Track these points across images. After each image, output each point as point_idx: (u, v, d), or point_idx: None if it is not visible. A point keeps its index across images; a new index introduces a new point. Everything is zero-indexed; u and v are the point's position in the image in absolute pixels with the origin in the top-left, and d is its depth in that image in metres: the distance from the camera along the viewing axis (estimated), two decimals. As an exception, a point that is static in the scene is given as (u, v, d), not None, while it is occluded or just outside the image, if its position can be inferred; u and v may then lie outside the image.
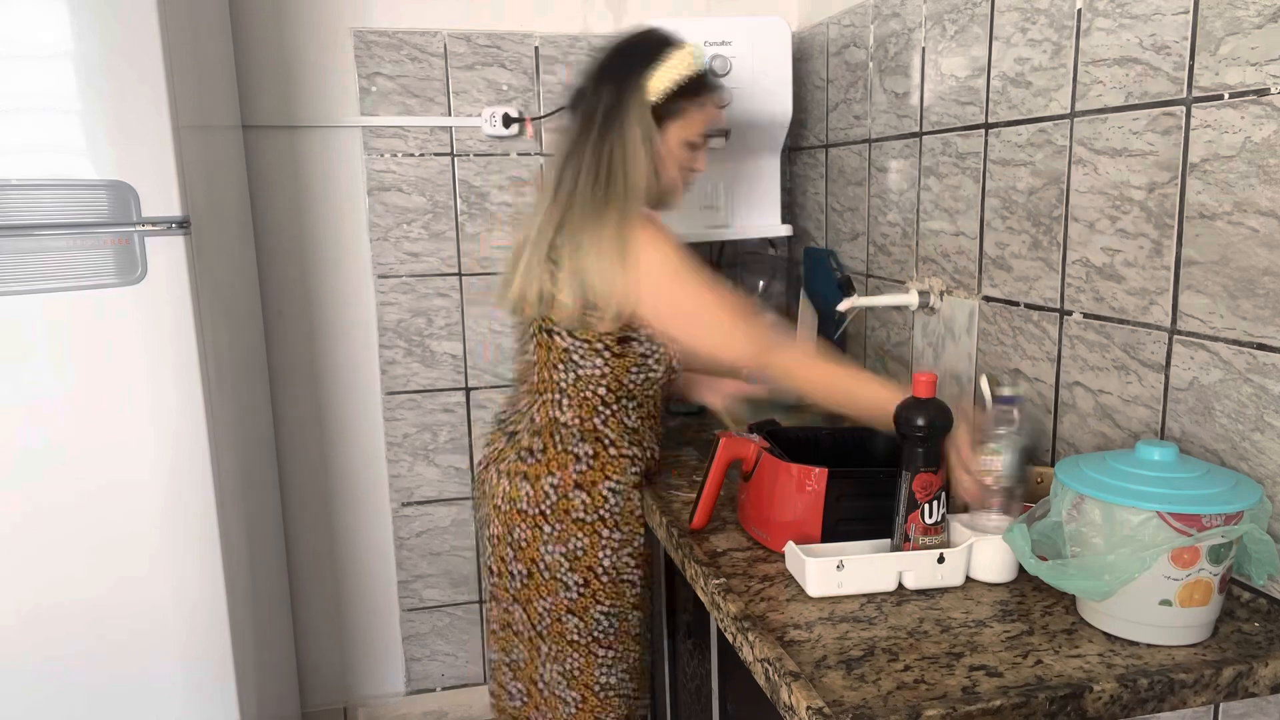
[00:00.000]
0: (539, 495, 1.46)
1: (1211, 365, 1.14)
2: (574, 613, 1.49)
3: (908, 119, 1.80)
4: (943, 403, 1.18)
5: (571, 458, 1.47)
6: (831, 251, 2.12)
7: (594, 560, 1.47)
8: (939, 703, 0.89)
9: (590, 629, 1.49)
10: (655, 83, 1.42)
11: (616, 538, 1.49)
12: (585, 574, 1.47)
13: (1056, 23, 1.37)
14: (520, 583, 1.49)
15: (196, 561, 1.67)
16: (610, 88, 1.42)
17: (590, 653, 1.50)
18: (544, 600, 1.49)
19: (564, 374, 1.46)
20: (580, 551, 1.47)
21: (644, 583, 1.54)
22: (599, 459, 1.47)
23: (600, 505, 1.47)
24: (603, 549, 1.48)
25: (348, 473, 2.32)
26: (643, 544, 1.52)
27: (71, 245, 1.53)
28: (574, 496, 1.46)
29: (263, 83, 2.11)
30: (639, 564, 1.52)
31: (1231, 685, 0.96)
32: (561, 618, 1.49)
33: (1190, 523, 0.95)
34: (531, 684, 1.53)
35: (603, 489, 1.47)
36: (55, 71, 1.50)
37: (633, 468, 1.50)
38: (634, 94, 1.41)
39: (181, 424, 1.63)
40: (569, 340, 1.44)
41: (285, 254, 2.19)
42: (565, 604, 1.48)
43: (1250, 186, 1.07)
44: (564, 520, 1.46)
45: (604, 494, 1.47)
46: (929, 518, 1.16)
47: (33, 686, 1.63)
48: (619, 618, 1.51)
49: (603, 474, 1.47)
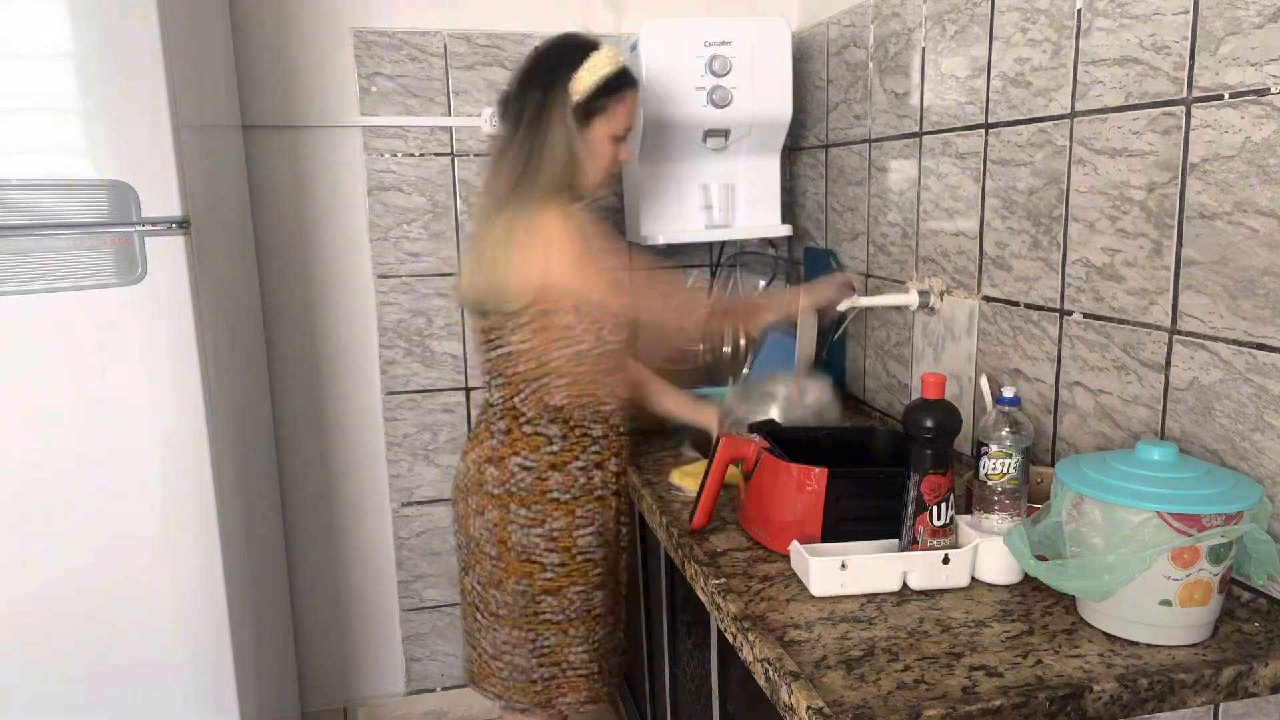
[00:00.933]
0: (465, 469, 1.61)
1: (1211, 365, 1.14)
2: (491, 585, 1.57)
3: (908, 119, 1.80)
4: (951, 404, 1.18)
5: (488, 434, 1.57)
6: (831, 251, 2.12)
7: (504, 534, 1.55)
8: (939, 703, 0.89)
9: (506, 603, 1.57)
10: (577, 84, 1.51)
11: (525, 514, 1.54)
12: (498, 547, 1.55)
13: (1056, 23, 1.37)
14: (464, 554, 1.62)
15: (196, 561, 1.67)
16: (535, 92, 1.52)
17: (513, 628, 1.57)
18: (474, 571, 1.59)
19: (489, 352, 1.56)
20: (492, 524, 1.55)
21: (560, 569, 1.58)
22: (510, 435, 1.55)
23: (508, 480, 1.54)
24: (511, 524, 1.54)
25: (348, 473, 2.32)
26: (558, 529, 1.56)
27: (71, 245, 1.53)
28: (485, 470, 1.56)
29: (263, 83, 2.11)
30: (553, 548, 1.56)
31: (1231, 685, 0.96)
32: (486, 588, 1.58)
33: (1190, 523, 0.95)
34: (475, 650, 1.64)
35: (511, 464, 1.54)
36: (55, 71, 1.50)
37: (549, 446, 1.55)
38: (557, 96, 1.50)
39: (181, 424, 1.63)
40: (490, 319, 1.53)
41: (285, 254, 2.19)
42: (484, 576, 1.57)
43: (1250, 186, 1.07)
44: (478, 493, 1.56)
45: (512, 469, 1.54)
46: (938, 519, 1.16)
47: (32, 687, 1.63)
48: (526, 597, 1.56)
49: (511, 450, 1.55)
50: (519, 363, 1.53)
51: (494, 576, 1.56)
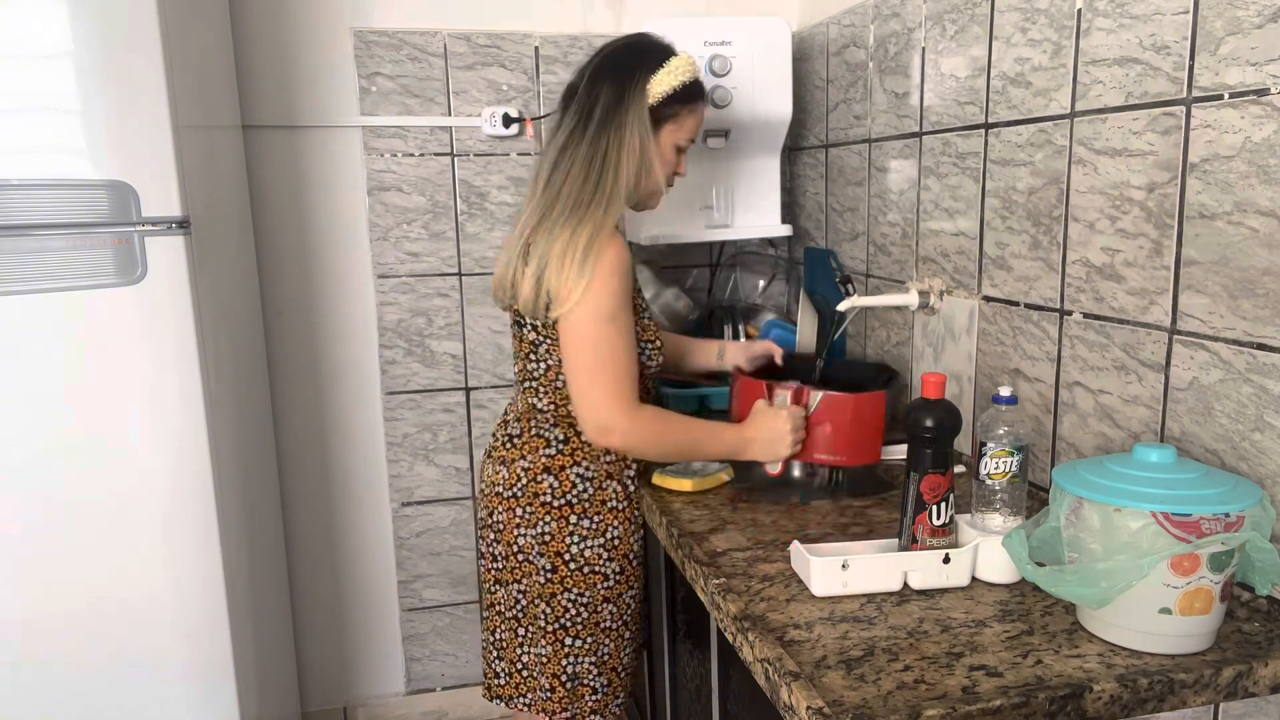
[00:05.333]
0: (512, 478, 1.51)
1: (1211, 365, 1.14)
2: (542, 598, 1.51)
3: (908, 119, 1.80)
4: (951, 404, 1.18)
5: (543, 442, 1.50)
6: (831, 251, 2.12)
7: (561, 546, 1.49)
8: (939, 703, 0.89)
9: (558, 616, 1.51)
10: (656, 86, 1.45)
11: (586, 525, 1.49)
12: (554, 559, 1.49)
13: (1056, 23, 1.37)
14: (500, 564, 1.54)
15: (196, 561, 1.67)
16: (610, 88, 1.44)
17: (558, 640, 1.51)
18: (519, 583, 1.52)
19: (535, 364, 1.50)
20: (548, 536, 1.49)
21: (620, 576, 1.53)
22: (569, 444, 1.50)
23: (568, 491, 1.49)
24: (570, 535, 1.49)
25: (348, 473, 2.32)
26: (617, 537, 1.52)
27: (71, 245, 1.53)
28: (542, 480, 1.49)
29: (263, 83, 2.11)
30: (613, 556, 1.52)
31: (1231, 685, 0.96)
32: (533, 602, 1.51)
33: (1189, 529, 0.94)
34: (512, 665, 1.56)
35: (570, 474, 1.49)
36: (55, 71, 1.50)
37: (606, 456, 1.51)
38: (635, 95, 1.44)
39: (181, 424, 1.63)
40: (535, 334, 1.47)
41: (285, 254, 2.19)
42: (536, 588, 1.51)
43: (1250, 186, 1.07)
44: (533, 504, 1.49)
45: (572, 479, 1.49)
46: (938, 519, 1.16)
47: (32, 687, 1.63)
48: (588, 608, 1.52)
49: (572, 459, 1.50)
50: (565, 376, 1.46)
51: (546, 589, 1.49)
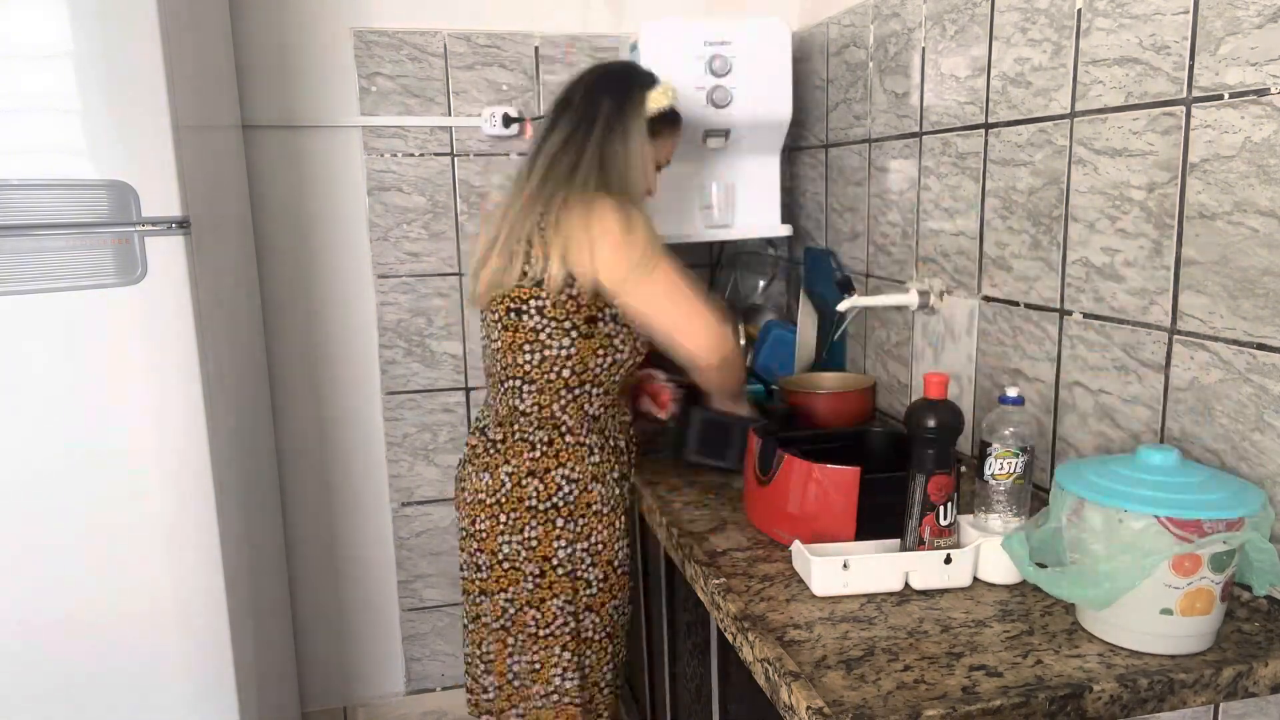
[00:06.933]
0: (495, 484, 1.49)
1: (1211, 365, 1.14)
2: (532, 605, 1.49)
3: (908, 119, 1.80)
4: (953, 404, 1.18)
5: (527, 445, 1.49)
6: (831, 251, 2.12)
7: (549, 550, 1.48)
8: (939, 703, 0.89)
9: (548, 622, 1.49)
10: (651, 103, 1.54)
11: (571, 529, 1.48)
12: (541, 564, 1.48)
13: (1056, 23, 1.37)
14: (485, 574, 1.51)
15: (196, 562, 1.67)
16: (610, 99, 1.51)
17: (548, 649, 1.50)
18: (505, 592, 1.50)
19: (529, 355, 1.47)
20: (534, 541, 1.48)
21: (602, 584, 1.52)
22: (554, 446, 1.49)
23: (554, 494, 1.48)
24: (557, 540, 1.48)
25: (348, 473, 2.32)
26: (601, 542, 1.51)
27: (71, 245, 1.53)
28: (527, 484, 1.48)
29: (263, 83, 2.11)
30: (595, 562, 1.51)
31: (1231, 685, 0.96)
32: (521, 609, 1.50)
33: (1191, 529, 0.94)
34: (502, 678, 1.53)
35: (555, 476, 1.48)
36: (55, 71, 1.50)
37: (591, 457, 1.50)
38: (635, 107, 1.52)
39: (181, 424, 1.63)
40: (537, 319, 1.45)
41: (285, 254, 2.19)
42: (524, 596, 1.49)
43: (1250, 186, 1.07)
44: (518, 509, 1.48)
45: (558, 482, 1.48)
46: (944, 519, 1.16)
47: (32, 687, 1.63)
48: (574, 616, 1.50)
49: (556, 460, 1.48)
50: (561, 368, 1.47)
51: (535, 596, 1.48)
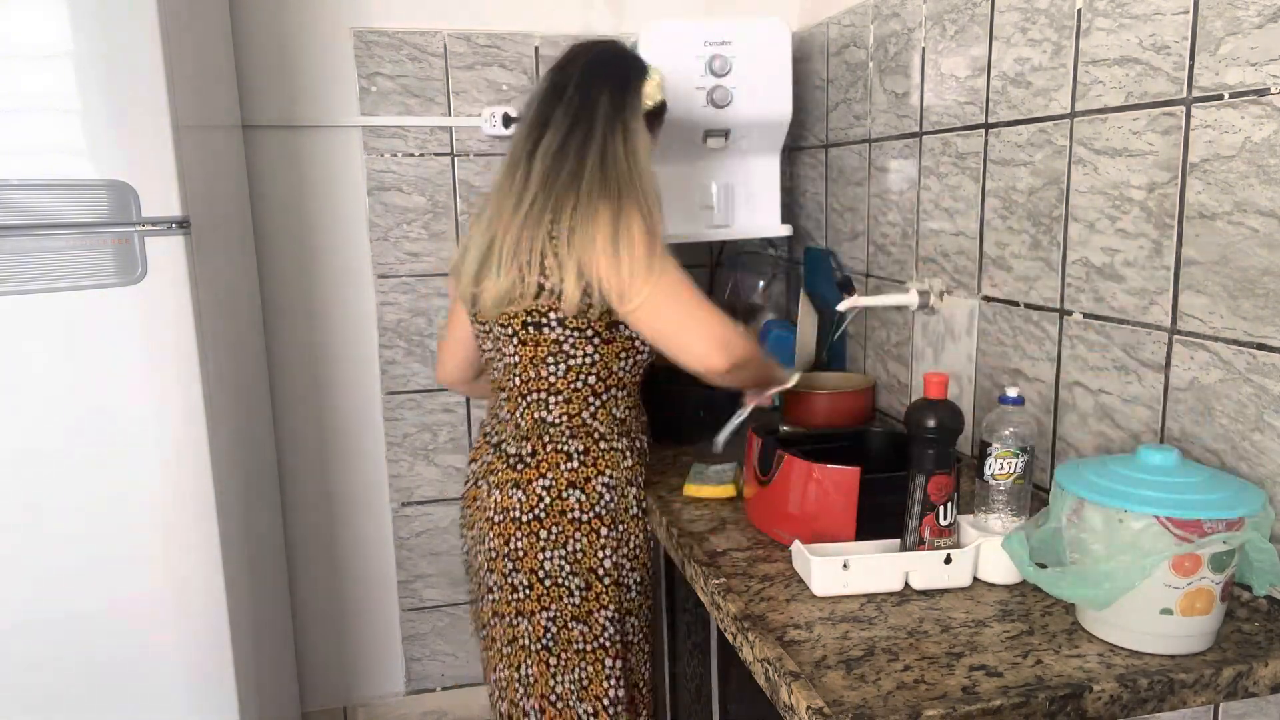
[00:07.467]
0: (532, 500, 1.44)
1: (1211, 365, 1.14)
2: (578, 619, 1.45)
3: (908, 119, 1.80)
4: (954, 404, 1.18)
5: (562, 456, 1.45)
6: (831, 251, 2.12)
7: (594, 562, 1.44)
8: (939, 703, 0.89)
9: (597, 635, 1.45)
10: (647, 97, 1.48)
11: (613, 537, 1.46)
12: (587, 577, 1.44)
13: (1056, 23, 1.37)
14: (523, 594, 1.45)
15: (196, 562, 1.67)
16: (608, 95, 1.43)
17: (599, 661, 1.46)
18: (548, 610, 1.44)
19: (553, 368, 1.44)
20: (579, 553, 1.44)
21: (639, 587, 1.51)
22: (590, 454, 1.46)
23: (596, 502, 1.45)
24: (602, 549, 1.45)
25: (348, 473, 2.32)
26: (638, 545, 1.50)
27: (71, 245, 1.53)
28: (569, 496, 1.44)
29: (263, 83, 2.11)
30: (634, 566, 1.49)
31: (1231, 685, 0.96)
32: (568, 624, 1.45)
33: (1191, 529, 0.94)
34: (545, 700, 1.47)
35: (596, 485, 1.45)
36: (55, 71, 1.50)
37: (625, 461, 1.48)
38: (633, 100, 1.46)
39: (181, 423, 1.63)
40: (559, 330, 1.41)
41: (285, 254, 2.19)
42: (570, 611, 1.44)
43: (1250, 186, 1.07)
44: (560, 522, 1.43)
45: (599, 490, 1.45)
46: (944, 519, 1.16)
47: (31, 687, 1.63)
48: (621, 624, 1.48)
49: (595, 469, 1.45)
50: (588, 375, 1.44)
51: (581, 609, 1.44)
